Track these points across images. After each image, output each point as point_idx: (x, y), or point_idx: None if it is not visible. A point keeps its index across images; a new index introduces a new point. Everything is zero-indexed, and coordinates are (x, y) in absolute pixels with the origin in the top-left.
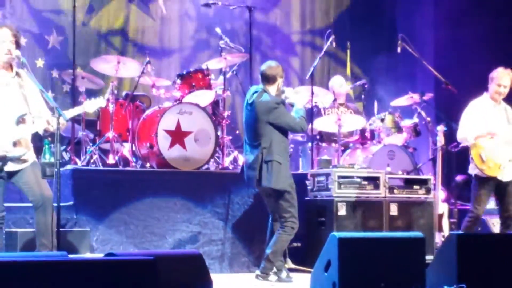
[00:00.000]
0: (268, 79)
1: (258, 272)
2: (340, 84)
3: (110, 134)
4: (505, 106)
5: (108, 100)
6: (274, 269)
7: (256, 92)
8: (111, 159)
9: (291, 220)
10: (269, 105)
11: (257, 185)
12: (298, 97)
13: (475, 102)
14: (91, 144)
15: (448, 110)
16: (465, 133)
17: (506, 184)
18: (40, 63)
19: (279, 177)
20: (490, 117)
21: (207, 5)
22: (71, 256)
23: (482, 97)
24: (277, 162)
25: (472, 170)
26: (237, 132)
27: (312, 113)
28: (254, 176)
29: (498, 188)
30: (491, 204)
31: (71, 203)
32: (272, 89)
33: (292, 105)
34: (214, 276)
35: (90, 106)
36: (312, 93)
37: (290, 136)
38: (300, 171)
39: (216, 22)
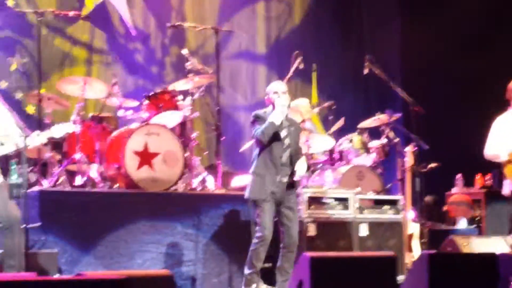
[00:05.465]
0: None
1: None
2: (307, 109)
3: (77, 156)
4: None
5: (74, 121)
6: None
7: None
8: (78, 181)
9: (259, 229)
10: (251, 119)
11: None
12: (276, 112)
13: (501, 118)
14: (58, 165)
15: (417, 130)
16: (496, 150)
17: None
18: (3, 84)
19: (253, 187)
20: None
21: (174, 26)
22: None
23: (506, 113)
24: (256, 173)
25: (507, 188)
26: (206, 153)
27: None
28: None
29: None
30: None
31: (38, 224)
32: (270, 107)
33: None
34: None
35: (57, 132)
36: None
37: None
38: None
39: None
